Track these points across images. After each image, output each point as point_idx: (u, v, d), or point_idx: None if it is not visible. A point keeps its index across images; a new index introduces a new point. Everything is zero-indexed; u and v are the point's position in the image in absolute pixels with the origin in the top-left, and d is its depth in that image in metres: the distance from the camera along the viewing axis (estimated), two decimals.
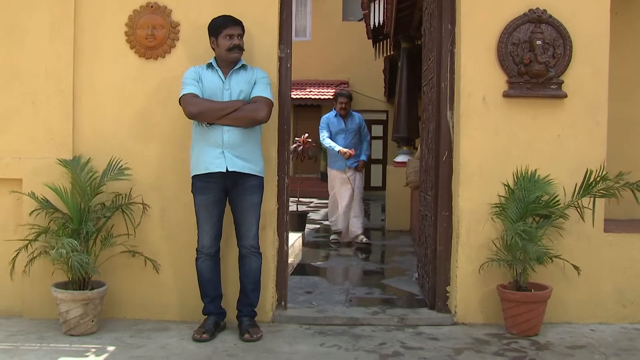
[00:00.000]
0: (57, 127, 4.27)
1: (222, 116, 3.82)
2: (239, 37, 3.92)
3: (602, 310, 4.28)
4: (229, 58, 3.92)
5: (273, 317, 4.29)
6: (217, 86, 3.91)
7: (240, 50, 3.94)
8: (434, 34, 4.59)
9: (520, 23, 4.18)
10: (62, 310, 3.93)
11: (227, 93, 3.91)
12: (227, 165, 3.84)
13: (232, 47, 3.89)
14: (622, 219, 4.77)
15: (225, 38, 3.89)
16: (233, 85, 3.92)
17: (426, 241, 4.83)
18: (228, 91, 3.91)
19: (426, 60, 5.06)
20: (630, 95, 5.10)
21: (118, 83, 4.30)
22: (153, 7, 4.26)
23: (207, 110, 3.83)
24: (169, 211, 4.28)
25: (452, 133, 4.34)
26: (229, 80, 3.93)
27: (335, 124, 7.82)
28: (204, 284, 4.01)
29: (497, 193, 4.21)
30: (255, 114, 3.86)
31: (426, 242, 4.83)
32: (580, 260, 4.17)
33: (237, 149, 3.87)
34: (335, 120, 7.83)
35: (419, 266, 5.31)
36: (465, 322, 4.25)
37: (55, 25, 4.26)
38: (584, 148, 4.24)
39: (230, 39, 3.89)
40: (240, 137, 3.88)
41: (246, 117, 3.86)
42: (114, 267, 4.22)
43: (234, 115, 3.83)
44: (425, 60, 5.15)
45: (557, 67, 4.18)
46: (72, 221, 4.01)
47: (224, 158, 3.85)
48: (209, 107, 3.84)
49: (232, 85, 3.92)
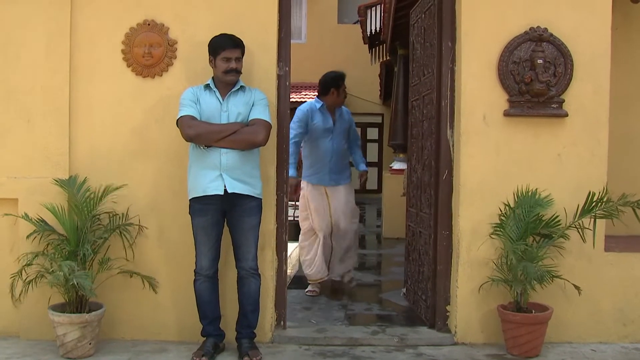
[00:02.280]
0: (53, 146, 4.22)
1: (219, 139, 3.78)
2: (236, 60, 3.87)
3: (603, 329, 4.26)
4: (225, 80, 3.88)
5: (272, 337, 4.25)
6: (215, 108, 3.87)
7: (237, 74, 3.90)
8: (429, 50, 4.56)
9: (521, 41, 4.15)
10: (60, 334, 3.88)
11: (225, 115, 3.87)
12: (227, 187, 3.80)
13: (228, 70, 3.85)
14: (622, 235, 4.74)
15: (222, 60, 3.84)
16: (231, 107, 3.88)
17: (420, 258, 4.77)
18: (226, 113, 3.87)
19: (417, 75, 4.99)
20: (629, 110, 5.08)
21: (115, 101, 4.25)
22: (150, 24, 4.21)
23: (205, 133, 3.78)
24: (167, 231, 4.24)
25: (453, 152, 4.31)
26: (227, 102, 3.89)
27: (320, 121, 5.55)
28: (203, 306, 3.97)
29: (498, 212, 4.19)
30: (253, 137, 3.82)
31: (420, 259, 4.77)
32: (580, 280, 4.15)
33: (235, 171, 3.82)
34: (321, 117, 5.58)
35: (408, 282, 5.20)
36: (465, 342, 4.23)
37: (51, 41, 4.21)
38: (585, 167, 4.22)
39: (227, 62, 3.84)
40: (238, 160, 3.84)
41: (244, 140, 3.81)
42: (112, 287, 4.17)
43: (232, 138, 3.79)
44: (416, 74, 5.07)
45: (558, 86, 4.16)
46: (69, 243, 3.96)
47: (222, 180, 3.81)
48: (207, 129, 3.79)
49: (230, 107, 3.88)
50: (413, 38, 5.18)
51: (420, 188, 4.82)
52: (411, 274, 5.10)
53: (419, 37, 4.93)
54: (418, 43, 4.99)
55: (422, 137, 4.79)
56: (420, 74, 4.92)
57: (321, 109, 5.60)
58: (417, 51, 5.04)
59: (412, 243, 5.08)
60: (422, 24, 4.85)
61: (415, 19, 5.11)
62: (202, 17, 4.22)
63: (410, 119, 5.22)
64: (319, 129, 5.53)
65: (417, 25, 5.04)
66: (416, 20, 5.06)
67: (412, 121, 5.16)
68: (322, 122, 5.54)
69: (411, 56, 5.25)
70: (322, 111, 5.60)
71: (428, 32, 4.63)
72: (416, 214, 4.94)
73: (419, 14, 4.95)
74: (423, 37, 4.79)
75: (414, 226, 5.03)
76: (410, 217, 5.16)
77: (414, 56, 5.17)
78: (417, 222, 4.89)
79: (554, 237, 4.08)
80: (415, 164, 5.04)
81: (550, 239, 4.08)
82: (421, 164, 4.79)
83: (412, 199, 5.15)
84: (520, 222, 4.06)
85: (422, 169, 4.78)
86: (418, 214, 4.89)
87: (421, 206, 4.80)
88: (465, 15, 4.20)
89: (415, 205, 4.98)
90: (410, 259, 5.13)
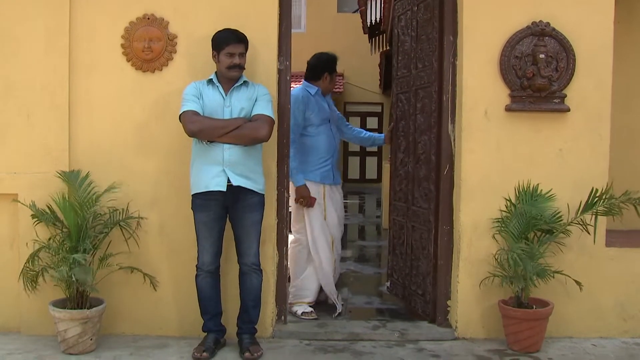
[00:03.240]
0: (53, 142, 4.20)
1: (223, 134, 3.76)
2: (240, 55, 3.85)
3: (604, 324, 4.27)
4: (228, 76, 3.86)
5: (273, 332, 4.26)
6: (217, 103, 3.85)
7: (241, 69, 3.87)
8: (425, 43, 4.49)
9: (523, 36, 4.13)
10: (60, 329, 3.88)
11: (228, 110, 3.85)
12: (231, 180, 3.79)
13: (232, 66, 3.82)
14: (623, 229, 4.74)
15: (226, 55, 3.82)
16: (234, 103, 3.86)
17: (412, 252, 4.71)
18: (229, 108, 3.85)
19: (407, 67, 4.87)
20: (630, 104, 5.07)
21: (115, 96, 4.22)
22: (150, 19, 4.18)
23: (208, 128, 3.76)
24: (168, 226, 4.23)
25: (454, 146, 4.30)
26: (230, 97, 3.87)
27: (317, 108, 4.81)
28: (204, 302, 3.97)
29: (499, 208, 4.18)
30: (256, 133, 3.80)
31: (413, 254, 4.71)
32: (581, 275, 4.15)
33: (237, 166, 3.81)
34: (318, 103, 4.86)
35: (394, 275, 5.10)
36: (466, 337, 4.24)
37: (50, 36, 4.18)
38: (587, 162, 4.21)
39: (231, 57, 3.82)
40: (240, 155, 3.82)
41: (247, 135, 3.80)
42: (112, 283, 4.17)
43: (235, 133, 3.77)
44: (404, 67, 4.94)
45: (560, 81, 4.14)
46: (71, 238, 3.95)
47: (224, 176, 3.80)
48: (210, 125, 3.77)
49: (233, 102, 3.86)
50: (399, 30, 5.05)
51: (413, 182, 4.75)
52: (399, 267, 5.01)
53: (409, 29, 4.83)
54: (406, 35, 4.88)
55: (414, 131, 4.69)
56: (410, 66, 4.80)
57: (316, 95, 4.85)
58: (405, 43, 4.91)
59: (399, 236, 5.01)
60: (412, 16, 4.75)
61: (401, 10, 4.99)
62: (203, 10, 4.19)
63: (396, 112, 5.06)
64: (318, 117, 4.80)
65: (404, 17, 4.93)
66: (403, 12, 4.95)
67: (398, 114, 5.02)
68: (320, 111, 4.82)
69: (396, 48, 5.11)
70: (317, 98, 4.86)
71: (424, 25, 4.55)
72: (407, 208, 4.86)
73: (408, 5, 4.85)
74: (415, 29, 4.69)
75: (401, 220, 4.96)
76: (396, 210, 5.07)
77: (400, 48, 5.02)
78: (408, 216, 4.81)
79: (555, 232, 4.07)
80: (403, 157, 4.93)
81: (552, 234, 4.08)
82: (414, 158, 4.70)
83: (398, 192, 5.07)
84: (522, 218, 4.05)
85: (415, 163, 4.69)
86: (409, 208, 4.80)
87: (414, 200, 4.73)
88: (466, 9, 4.17)
89: (405, 200, 4.90)
90: (397, 252, 5.05)
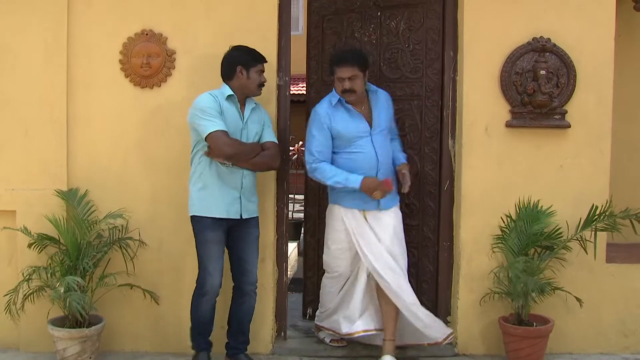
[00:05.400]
0: (51, 158, 4.17)
1: (248, 160, 3.76)
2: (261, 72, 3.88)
3: (604, 340, 4.27)
4: (256, 94, 3.87)
5: (273, 349, 4.24)
6: (236, 125, 3.78)
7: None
8: (425, 56, 4.42)
9: (523, 52, 4.11)
10: (59, 348, 3.87)
11: (245, 133, 3.82)
12: (242, 213, 3.81)
13: (262, 84, 3.85)
14: (624, 242, 4.71)
15: (257, 73, 3.81)
16: (250, 126, 3.84)
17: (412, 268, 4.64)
18: (245, 131, 3.82)
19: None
20: (633, 117, 5.06)
21: (113, 112, 4.19)
22: (148, 34, 4.15)
23: (242, 154, 3.73)
24: (167, 243, 4.21)
25: (454, 162, 4.28)
26: (247, 120, 3.84)
27: (342, 123, 3.93)
28: (205, 325, 3.86)
29: (499, 224, 4.17)
30: (273, 162, 3.88)
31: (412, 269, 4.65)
32: (582, 291, 4.14)
33: (249, 192, 3.86)
34: (345, 116, 3.96)
35: None
36: (466, 354, 4.23)
37: (48, 52, 4.15)
38: (587, 178, 4.19)
39: (260, 75, 3.82)
40: (253, 181, 3.90)
41: (265, 163, 3.85)
42: (112, 300, 4.15)
43: (255, 160, 3.78)
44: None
45: (561, 97, 4.12)
46: (70, 257, 3.93)
47: (239, 204, 3.80)
48: (243, 150, 3.74)
49: (249, 125, 3.84)
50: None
51: None
52: None
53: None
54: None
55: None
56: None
57: (336, 105, 3.98)
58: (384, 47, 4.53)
59: None
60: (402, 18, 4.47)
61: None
62: (202, 26, 4.16)
63: None
64: (349, 133, 3.94)
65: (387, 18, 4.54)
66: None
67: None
68: (351, 126, 3.95)
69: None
70: (343, 106, 3.97)
71: (415, 35, 4.44)
72: None
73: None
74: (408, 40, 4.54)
75: None
76: None
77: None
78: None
79: (556, 249, 4.06)
80: None
81: (552, 250, 4.07)
82: None
83: None
84: (522, 235, 4.03)
85: None
86: None
87: None
88: (467, 24, 4.15)
89: None
90: None
